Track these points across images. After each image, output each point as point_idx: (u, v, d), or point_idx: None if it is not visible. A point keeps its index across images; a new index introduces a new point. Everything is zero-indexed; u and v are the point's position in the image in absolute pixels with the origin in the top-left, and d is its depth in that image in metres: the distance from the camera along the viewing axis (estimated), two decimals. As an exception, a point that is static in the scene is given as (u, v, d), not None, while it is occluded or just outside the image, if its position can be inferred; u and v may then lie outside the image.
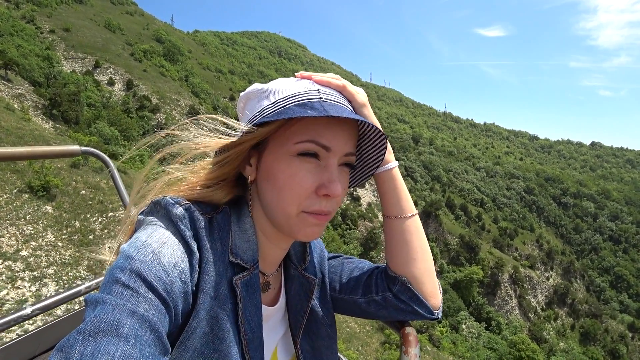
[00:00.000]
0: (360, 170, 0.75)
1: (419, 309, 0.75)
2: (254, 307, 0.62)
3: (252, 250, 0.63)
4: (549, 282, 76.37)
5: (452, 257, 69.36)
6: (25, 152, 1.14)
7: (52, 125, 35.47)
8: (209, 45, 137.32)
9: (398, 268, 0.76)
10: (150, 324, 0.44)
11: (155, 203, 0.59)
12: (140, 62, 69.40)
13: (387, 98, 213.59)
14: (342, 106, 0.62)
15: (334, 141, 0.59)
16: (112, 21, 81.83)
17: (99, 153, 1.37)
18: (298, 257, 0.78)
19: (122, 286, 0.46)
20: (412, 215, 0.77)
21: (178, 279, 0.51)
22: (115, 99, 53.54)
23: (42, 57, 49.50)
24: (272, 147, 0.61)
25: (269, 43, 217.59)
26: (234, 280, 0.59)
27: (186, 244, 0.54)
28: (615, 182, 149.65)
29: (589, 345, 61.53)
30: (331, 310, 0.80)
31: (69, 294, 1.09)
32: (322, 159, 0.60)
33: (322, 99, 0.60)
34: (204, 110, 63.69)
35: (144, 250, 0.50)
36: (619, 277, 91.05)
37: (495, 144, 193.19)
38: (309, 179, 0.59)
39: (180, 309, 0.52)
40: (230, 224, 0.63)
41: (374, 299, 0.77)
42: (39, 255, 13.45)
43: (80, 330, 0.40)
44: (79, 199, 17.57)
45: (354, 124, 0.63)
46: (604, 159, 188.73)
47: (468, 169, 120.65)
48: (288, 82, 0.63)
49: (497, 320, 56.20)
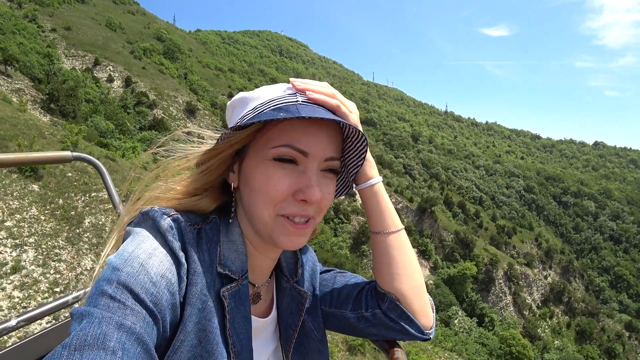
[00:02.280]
0: (347, 177, 0.75)
1: (409, 327, 0.74)
2: (243, 318, 0.61)
3: (241, 261, 0.63)
4: (545, 280, 76.55)
5: (446, 253, 69.88)
6: (16, 159, 1.12)
7: (50, 119, 36.72)
8: (210, 44, 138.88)
9: (385, 285, 0.75)
10: (138, 337, 0.44)
11: (143, 214, 0.58)
12: (139, 59, 70.79)
13: (388, 97, 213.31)
14: (319, 108, 0.61)
15: (311, 146, 0.59)
16: (113, 20, 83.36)
17: (91, 158, 1.35)
18: (290, 269, 0.77)
19: (108, 298, 0.45)
20: (397, 231, 0.76)
21: (166, 290, 0.50)
22: (113, 95, 54.90)
23: (42, 55, 50.97)
24: (251, 153, 0.61)
25: (270, 42, 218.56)
26: (221, 292, 0.58)
27: (174, 255, 0.54)
28: (617, 182, 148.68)
29: (585, 344, 61.65)
30: (322, 325, 0.79)
31: (55, 304, 1.06)
32: (300, 164, 0.60)
33: (298, 102, 0.59)
34: (201, 107, 64.94)
35: (131, 262, 0.49)
36: (619, 277, 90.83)
37: (496, 143, 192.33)
38: (285, 182, 0.59)
39: (168, 321, 0.51)
40: (219, 234, 0.62)
41: (364, 315, 0.75)
42: (22, 227, 14.56)
43: (66, 345, 0.40)
44: (65, 180, 18.68)
45: (337, 127, 0.63)
46: (607, 158, 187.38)
47: (467, 167, 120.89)
48: (270, 89, 0.64)
49: (490, 317, 56.31)
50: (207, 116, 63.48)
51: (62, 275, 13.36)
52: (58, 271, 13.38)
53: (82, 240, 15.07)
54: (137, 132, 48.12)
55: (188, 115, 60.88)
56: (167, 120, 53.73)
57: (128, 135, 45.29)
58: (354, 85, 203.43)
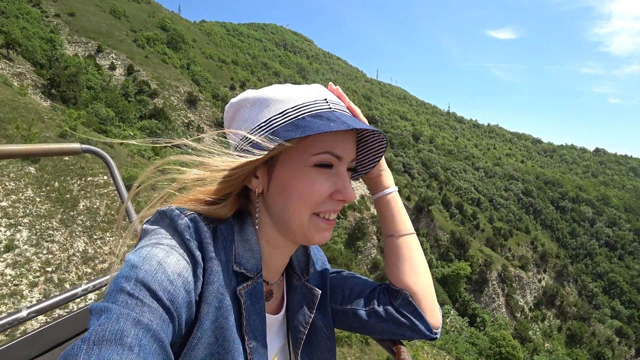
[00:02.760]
0: (354, 173, 0.78)
1: (419, 324, 0.76)
2: (258, 315, 0.63)
3: (256, 259, 0.64)
4: (539, 284, 76.91)
5: (441, 252, 70.21)
6: (24, 150, 1.12)
7: (50, 104, 36.89)
8: (214, 36, 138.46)
9: (398, 282, 0.78)
10: (154, 334, 0.45)
11: (160, 213, 0.59)
12: (142, 48, 70.80)
13: (391, 95, 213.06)
14: (351, 116, 0.65)
15: (345, 150, 0.62)
16: (117, 8, 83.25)
17: (100, 151, 1.34)
18: (301, 267, 0.78)
19: (126, 295, 0.46)
20: (410, 233, 0.80)
21: (182, 288, 0.51)
22: (115, 83, 55.00)
23: (45, 40, 51.03)
24: (285, 160, 0.61)
25: (275, 35, 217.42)
26: (238, 290, 0.59)
27: (191, 254, 0.55)
28: (616, 189, 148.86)
29: (575, 348, 62.11)
30: (331, 322, 0.81)
31: (65, 296, 1.07)
32: (334, 167, 0.62)
33: (332, 109, 0.61)
34: (203, 98, 65.01)
35: (149, 260, 0.50)
36: (613, 283, 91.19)
37: (497, 146, 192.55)
38: (326, 186, 0.61)
39: (184, 319, 0.52)
40: (234, 233, 0.63)
41: (375, 310, 0.77)
42: (17, 207, 14.83)
43: (85, 339, 0.41)
44: (62, 163, 18.92)
45: (355, 130, 0.65)
46: (607, 165, 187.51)
47: (467, 168, 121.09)
48: (290, 90, 0.63)
49: (482, 317, 56.57)
50: (208, 107, 63.58)
51: (55, 255, 13.62)
52: (50, 252, 13.65)
53: (76, 222, 15.33)
54: (137, 120, 48.33)
55: (189, 106, 61.03)
56: (168, 109, 53.90)
57: (128, 123, 45.51)
58: (357, 82, 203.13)
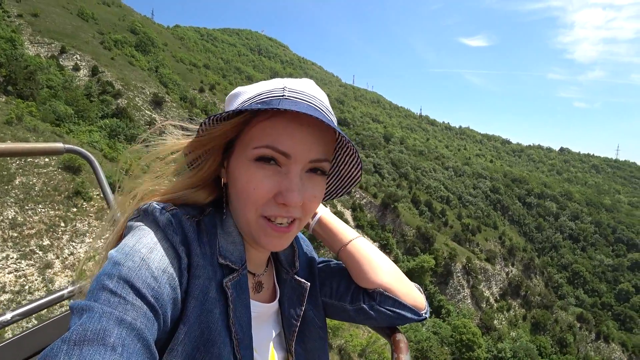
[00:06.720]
0: (339, 180, 0.74)
1: (404, 312, 0.77)
2: (244, 307, 0.62)
3: (239, 251, 0.63)
4: (504, 275, 79.73)
5: (407, 247, 72.15)
6: (5, 149, 1.09)
7: (6, 100, 37.05)
8: (187, 40, 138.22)
9: (368, 283, 0.78)
10: (138, 332, 0.43)
11: (142, 210, 0.58)
12: (109, 50, 70.72)
13: (365, 99, 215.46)
14: (308, 104, 0.57)
15: (294, 147, 0.57)
16: (85, 10, 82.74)
17: (83, 151, 1.32)
18: (289, 261, 0.78)
19: (109, 293, 0.45)
20: (355, 238, 0.80)
21: (167, 285, 0.50)
22: (78, 84, 54.99)
23: (5, 39, 50.70)
24: (236, 152, 0.61)
25: (250, 41, 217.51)
26: (224, 282, 0.59)
27: (175, 249, 0.54)
28: (579, 185, 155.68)
29: (539, 335, 64.91)
30: (322, 312, 0.81)
31: (50, 298, 1.04)
32: (282, 165, 0.58)
33: (284, 97, 0.57)
34: (169, 99, 65.51)
35: (132, 256, 0.49)
36: (576, 273, 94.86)
37: (468, 147, 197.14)
38: (265, 185, 0.57)
39: (169, 315, 0.51)
40: (217, 226, 0.62)
41: (362, 307, 0.77)
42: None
43: (65, 339, 0.39)
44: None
45: (328, 129, 0.60)
46: (571, 163, 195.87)
47: (437, 167, 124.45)
48: (262, 84, 0.62)
49: (447, 308, 58.38)
50: (174, 108, 64.04)
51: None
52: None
53: (9, 194, 16.23)
54: (98, 119, 48.55)
55: (154, 107, 61.37)
56: (131, 109, 54.28)
57: (88, 122, 45.77)
58: (331, 86, 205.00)
